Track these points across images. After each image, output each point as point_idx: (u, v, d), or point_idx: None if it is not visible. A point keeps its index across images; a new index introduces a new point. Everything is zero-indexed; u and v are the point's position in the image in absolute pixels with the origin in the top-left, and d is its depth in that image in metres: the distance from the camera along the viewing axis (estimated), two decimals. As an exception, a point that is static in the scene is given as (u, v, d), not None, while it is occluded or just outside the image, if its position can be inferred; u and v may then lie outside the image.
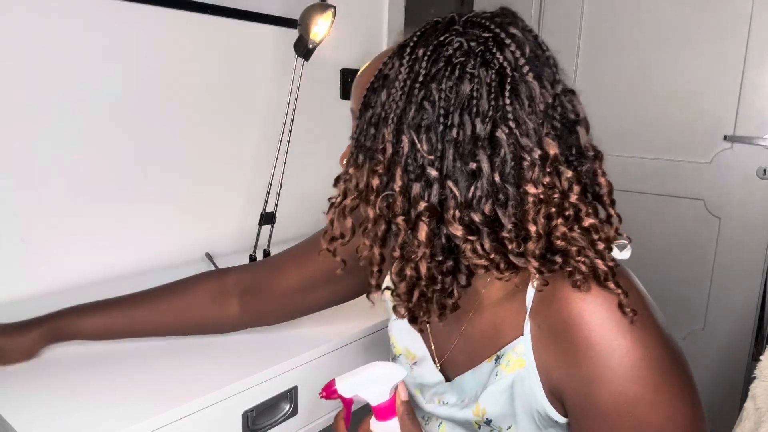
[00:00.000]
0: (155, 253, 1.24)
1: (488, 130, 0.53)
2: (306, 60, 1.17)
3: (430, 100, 0.54)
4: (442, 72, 0.54)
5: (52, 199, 1.07)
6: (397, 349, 0.77)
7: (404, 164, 0.55)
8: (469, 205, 0.54)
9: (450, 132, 0.53)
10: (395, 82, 0.56)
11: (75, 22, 1.05)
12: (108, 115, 1.12)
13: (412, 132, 0.54)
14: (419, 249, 0.55)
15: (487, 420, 0.63)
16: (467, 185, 0.53)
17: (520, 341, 0.59)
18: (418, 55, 0.55)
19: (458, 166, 0.53)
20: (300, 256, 0.89)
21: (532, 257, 0.54)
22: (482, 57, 0.53)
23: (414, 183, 0.55)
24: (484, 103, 0.53)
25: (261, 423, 0.83)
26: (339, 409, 0.67)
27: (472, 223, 0.54)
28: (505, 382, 0.60)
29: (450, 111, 0.53)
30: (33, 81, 1.02)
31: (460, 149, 0.53)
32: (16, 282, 1.05)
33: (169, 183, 1.25)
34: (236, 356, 0.87)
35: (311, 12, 1.14)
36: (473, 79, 0.53)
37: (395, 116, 0.55)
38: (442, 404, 0.69)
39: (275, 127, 1.38)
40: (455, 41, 0.54)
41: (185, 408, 0.73)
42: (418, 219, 0.54)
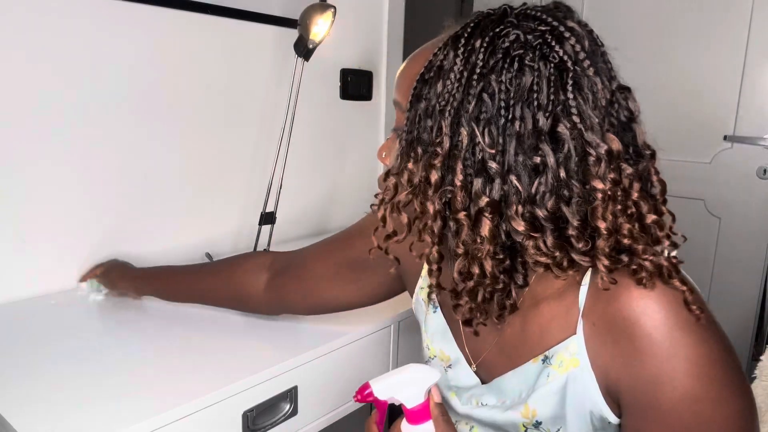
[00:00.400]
0: (155, 252, 1.24)
1: (549, 124, 0.51)
2: (306, 60, 1.17)
3: (489, 92, 0.52)
4: (501, 64, 0.52)
5: (52, 199, 1.07)
6: (431, 352, 0.74)
7: (464, 158, 0.53)
8: (533, 200, 0.52)
9: (512, 125, 0.52)
10: (450, 74, 0.54)
11: (74, 22, 1.05)
12: (108, 114, 1.12)
13: (472, 124, 0.53)
14: (483, 246, 0.53)
15: (536, 422, 0.62)
16: (530, 180, 0.52)
17: (572, 340, 0.58)
18: (474, 46, 0.53)
19: (520, 160, 0.52)
20: (330, 245, 0.89)
21: (603, 255, 0.53)
22: (540, 50, 0.52)
23: (475, 178, 0.53)
24: (545, 97, 0.51)
25: (261, 423, 0.83)
26: (372, 412, 0.65)
27: (535, 220, 0.52)
28: (557, 383, 0.59)
29: (510, 104, 0.52)
30: (33, 81, 1.02)
31: (522, 143, 0.52)
32: (16, 282, 1.05)
33: (169, 182, 1.25)
34: (236, 356, 0.87)
35: (311, 12, 1.14)
36: (533, 72, 0.51)
37: (452, 108, 0.53)
38: (480, 406, 0.67)
39: (275, 127, 1.38)
40: (512, 33, 0.53)
41: (185, 408, 0.73)
42: (480, 215, 0.53)
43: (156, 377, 0.79)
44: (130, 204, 1.19)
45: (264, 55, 1.38)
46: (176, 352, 0.87)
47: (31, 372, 0.79)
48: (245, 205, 1.40)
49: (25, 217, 1.04)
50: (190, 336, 0.92)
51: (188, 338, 0.92)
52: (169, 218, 1.26)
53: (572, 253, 0.53)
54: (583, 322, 0.57)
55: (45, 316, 0.99)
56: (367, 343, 0.98)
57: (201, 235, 1.33)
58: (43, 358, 0.83)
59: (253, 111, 1.39)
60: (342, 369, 0.95)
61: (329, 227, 1.66)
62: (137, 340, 0.90)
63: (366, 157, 1.75)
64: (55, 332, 0.92)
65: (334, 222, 1.67)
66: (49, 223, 1.07)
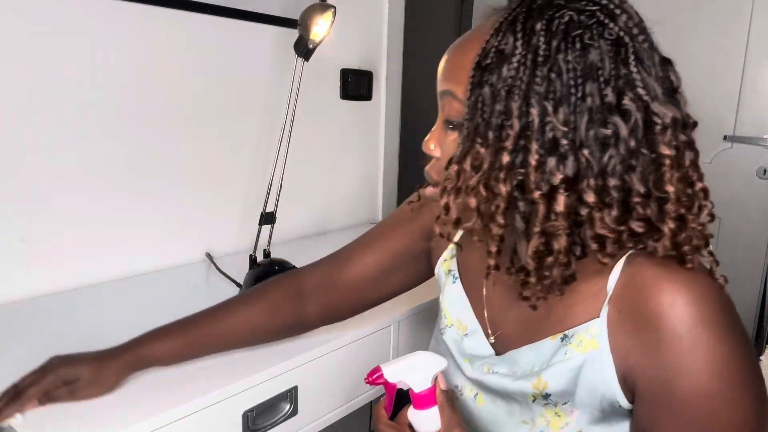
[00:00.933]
0: (156, 253, 1.24)
1: (616, 98, 0.53)
2: (306, 60, 1.17)
3: (557, 71, 0.54)
4: (563, 44, 0.54)
5: (52, 199, 1.07)
6: (448, 320, 0.76)
7: (536, 138, 0.54)
8: (604, 172, 0.54)
9: (583, 102, 0.53)
10: (513, 57, 0.55)
11: (74, 22, 1.05)
12: (108, 115, 1.12)
13: (544, 103, 0.54)
14: (559, 222, 0.55)
15: (546, 394, 0.63)
16: (601, 153, 0.54)
17: (594, 323, 0.60)
18: (534, 29, 0.55)
19: (591, 135, 0.54)
20: (367, 246, 0.88)
21: (670, 219, 0.55)
22: (596, 28, 0.54)
23: (548, 156, 0.54)
24: (608, 72, 0.53)
25: (261, 423, 0.83)
26: (381, 396, 0.68)
27: (606, 192, 0.54)
28: (574, 361, 0.60)
29: (579, 82, 0.53)
30: (33, 82, 1.02)
31: (592, 118, 0.53)
32: (16, 282, 1.05)
33: (170, 183, 1.25)
34: (236, 356, 0.87)
35: (311, 12, 1.13)
36: (595, 49, 0.54)
37: (521, 91, 0.54)
38: (491, 373, 0.69)
39: (275, 127, 1.38)
40: (566, 14, 0.54)
41: (185, 408, 0.73)
42: (555, 192, 0.54)
43: (156, 377, 0.79)
44: (130, 204, 1.19)
45: (264, 55, 1.38)
46: (176, 352, 0.87)
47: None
48: (245, 205, 1.40)
49: (25, 217, 1.04)
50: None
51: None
52: (169, 218, 1.26)
53: (631, 223, 0.55)
54: (609, 307, 0.59)
55: (45, 316, 0.99)
56: (367, 343, 0.98)
57: (201, 236, 1.33)
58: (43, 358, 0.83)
59: (254, 111, 1.39)
60: (342, 369, 0.95)
61: (329, 227, 1.66)
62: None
63: (366, 156, 1.75)
64: (54, 332, 0.92)
65: (335, 222, 1.67)
66: (48, 224, 1.07)
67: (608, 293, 0.59)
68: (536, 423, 0.65)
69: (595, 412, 0.61)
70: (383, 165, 1.80)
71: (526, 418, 0.66)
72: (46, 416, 0.70)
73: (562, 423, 0.63)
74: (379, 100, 1.74)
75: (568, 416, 0.63)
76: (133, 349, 0.78)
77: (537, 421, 0.65)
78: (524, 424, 0.66)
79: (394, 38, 1.74)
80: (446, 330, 0.76)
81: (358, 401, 0.99)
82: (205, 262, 1.31)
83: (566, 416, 0.63)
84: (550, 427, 0.64)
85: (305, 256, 1.32)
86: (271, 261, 1.09)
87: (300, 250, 1.42)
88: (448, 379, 0.72)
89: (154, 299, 1.09)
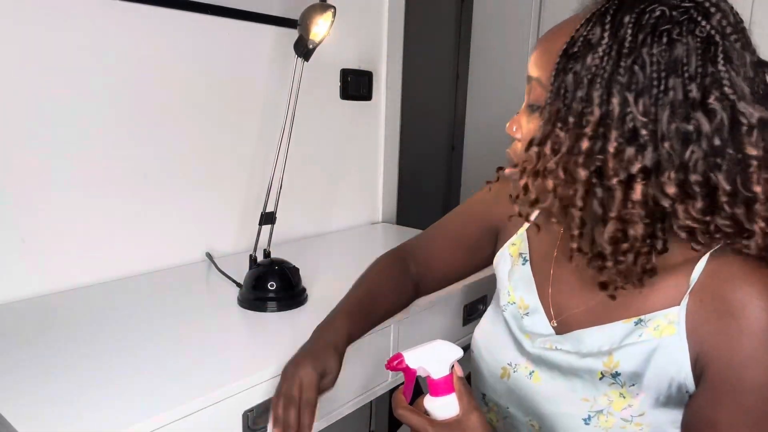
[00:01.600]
0: (156, 253, 1.24)
1: (700, 95, 0.54)
2: (306, 60, 1.17)
3: (640, 64, 0.54)
4: (650, 38, 0.55)
5: (52, 199, 1.07)
6: (510, 298, 0.79)
7: (615, 126, 0.55)
8: (686, 166, 0.55)
9: (665, 95, 0.54)
10: (599, 47, 0.56)
11: (74, 21, 1.05)
12: (108, 115, 1.12)
13: (625, 93, 0.55)
14: (635, 210, 0.56)
15: (615, 373, 0.65)
16: (683, 147, 0.55)
17: (673, 310, 0.61)
18: (623, 22, 0.56)
19: (673, 128, 0.54)
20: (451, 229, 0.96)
21: (760, 218, 0.56)
22: (687, 25, 0.54)
23: (626, 145, 0.55)
24: (695, 69, 0.54)
25: (261, 423, 0.83)
26: (399, 385, 0.69)
27: (687, 185, 0.55)
28: (649, 345, 0.62)
29: (662, 75, 0.54)
30: (32, 81, 1.02)
31: (674, 112, 0.54)
32: (16, 282, 1.05)
33: (170, 183, 1.25)
34: (236, 356, 0.87)
35: (311, 12, 1.13)
36: (683, 45, 0.54)
37: (603, 80, 0.56)
38: (555, 350, 0.71)
39: (275, 127, 1.38)
40: (657, 9, 0.55)
41: (185, 408, 0.73)
42: (633, 180, 0.56)
43: (156, 377, 0.79)
44: (130, 204, 1.19)
45: (264, 55, 1.38)
46: (176, 352, 0.87)
47: (31, 372, 0.79)
48: (245, 205, 1.40)
49: (25, 217, 1.04)
50: (191, 336, 0.93)
51: (188, 338, 0.92)
52: (169, 218, 1.26)
53: (717, 220, 0.56)
54: (690, 297, 0.61)
55: (45, 317, 0.99)
56: (367, 343, 0.98)
57: (201, 236, 1.33)
58: (43, 357, 0.84)
59: (254, 111, 1.39)
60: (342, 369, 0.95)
61: (330, 227, 1.66)
62: (136, 340, 0.90)
63: (366, 156, 1.75)
64: (55, 332, 0.92)
65: (335, 222, 1.67)
66: (48, 224, 1.07)
67: (691, 284, 0.61)
68: (598, 401, 0.66)
69: (661, 396, 0.63)
70: (383, 165, 1.80)
71: (587, 395, 0.67)
72: (46, 416, 0.70)
73: (625, 404, 0.64)
74: (379, 100, 1.74)
75: (632, 398, 0.64)
76: (345, 334, 0.82)
77: (599, 400, 0.66)
78: (585, 401, 0.67)
79: (394, 38, 1.74)
80: (507, 307, 0.79)
81: (358, 401, 1.00)
82: (205, 262, 1.31)
83: (631, 398, 0.64)
84: (612, 407, 0.65)
85: (305, 256, 1.33)
86: (272, 261, 1.09)
87: (300, 250, 1.42)
88: (503, 356, 0.77)
89: (154, 299, 1.09)
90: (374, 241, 1.65)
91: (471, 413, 0.64)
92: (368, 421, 1.78)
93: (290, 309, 1.04)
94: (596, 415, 0.66)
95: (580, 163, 0.57)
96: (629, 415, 0.64)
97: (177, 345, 0.89)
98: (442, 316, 1.17)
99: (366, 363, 1.00)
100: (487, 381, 0.80)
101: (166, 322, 0.97)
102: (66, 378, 0.78)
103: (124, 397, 0.74)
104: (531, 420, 0.74)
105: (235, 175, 1.38)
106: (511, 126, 0.69)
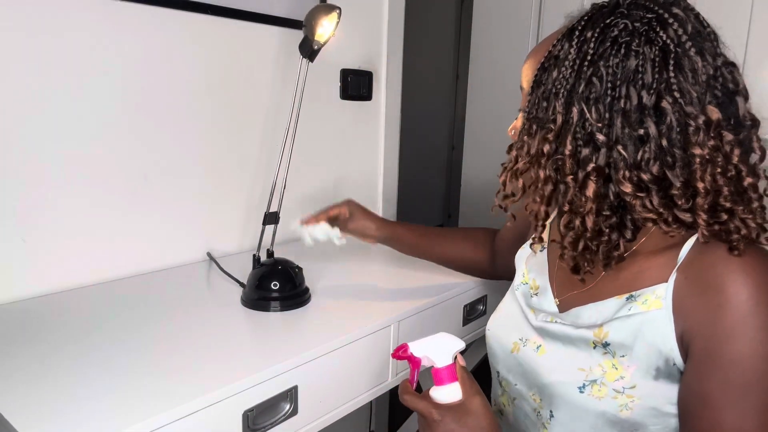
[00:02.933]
0: (158, 253, 1.24)
1: (653, 101, 0.60)
2: (311, 61, 1.17)
3: (598, 75, 0.61)
4: (609, 50, 0.61)
5: (52, 199, 1.07)
6: (524, 279, 0.87)
7: (573, 132, 0.63)
8: (638, 166, 0.61)
9: (618, 103, 0.60)
10: (565, 61, 0.64)
11: (75, 22, 1.05)
12: (111, 115, 1.12)
13: (582, 103, 0.62)
14: (587, 204, 0.63)
15: (605, 343, 0.69)
16: (635, 149, 0.61)
17: (661, 286, 0.66)
18: (586, 37, 0.63)
19: (626, 132, 0.61)
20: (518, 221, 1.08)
21: (701, 211, 0.61)
22: (646, 35, 0.60)
23: (583, 148, 0.63)
24: (649, 77, 0.60)
25: (261, 423, 0.83)
26: (406, 377, 0.73)
27: (641, 182, 0.61)
28: (637, 318, 0.66)
29: (617, 84, 0.60)
30: (33, 81, 1.02)
31: (627, 118, 0.60)
32: (16, 282, 1.05)
33: (173, 183, 1.25)
34: (236, 356, 0.87)
35: (316, 13, 1.14)
36: (638, 56, 0.60)
37: (565, 91, 0.63)
38: (554, 323, 0.77)
39: (278, 128, 1.38)
40: (620, 23, 0.61)
41: (185, 408, 0.73)
42: (587, 178, 0.63)
43: (156, 377, 0.79)
44: (133, 204, 1.19)
45: (268, 56, 1.38)
46: (176, 352, 0.87)
47: (32, 372, 0.79)
48: (248, 205, 1.40)
49: (25, 217, 1.04)
50: (191, 336, 0.93)
51: (189, 338, 0.92)
52: (171, 218, 1.26)
53: (675, 210, 0.62)
54: (677, 274, 0.65)
55: (45, 317, 0.99)
56: (367, 343, 0.99)
57: (204, 235, 1.33)
58: (44, 358, 0.84)
59: (257, 112, 1.39)
60: (342, 369, 0.95)
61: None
62: (137, 340, 0.90)
63: (366, 156, 1.75)
64: (55, 332, 0.92)
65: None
66: (49, 223, 1.07)
67: (678, 262, 0.65)
68: (593, 371, 0.70)
69: (651, 370, 0.66)
70: (383, 165, 1.80)
71: (583, 365, 0.71)
72: (47, 416, 0.70)
73: (617, 375, 0.68)
74: (379, 100, 1.74)
75: (624, 370, 0.67)
76: (394, 227, 1.17)
77: (594, 370, 0.70)
78: (581, 371, 0.71)
79: (394, 38, 1.74)
80: (520, 287, 0.87)
81: (358, 401, 1.00)
82: (207, 262, 1.31)
83: (623, 370, 0.67)
84: (605, 377, 0.68)
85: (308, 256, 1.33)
86: (275, 260, 1.09)
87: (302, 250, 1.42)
88: (514, 332, 0.83)
89: (155, 299, 1.09)
90: (374, 241, 1.65)
91: (474, 396, 0.67)
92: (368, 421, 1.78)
93: (293, 309, 1.04)
94: (590, 384, 0.69)
95: (543, 164, 0.66)
96: (621, 387, 0.67)
97: (179, 344, 0.89)
98: (442, 316, 1.17)
99: (366, 363, 1.00)
100: (500, 357, 0.84)
101: (167, 322, 0.97)
102: (66, 378, 0.78)
103: (125, 396, 0.74)
104: (534, 394, 0.77)
105: (237, 176, 1.38)
106: (510, 130, 0.79)
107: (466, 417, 0.66)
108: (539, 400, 0.76)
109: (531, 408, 0.78)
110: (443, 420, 0.66)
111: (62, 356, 0.84)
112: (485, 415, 0.67)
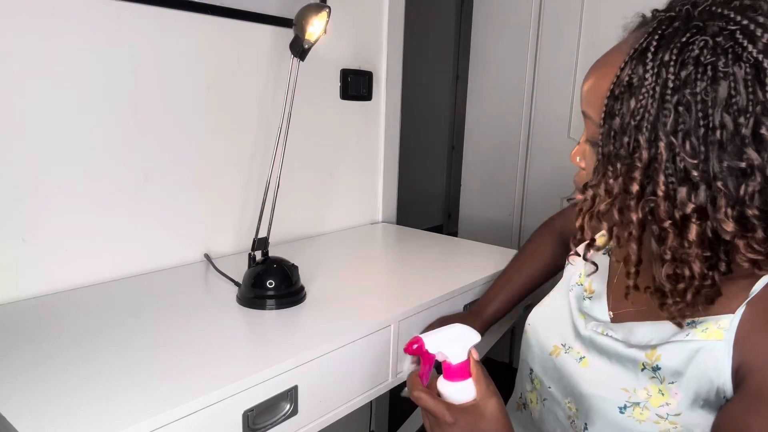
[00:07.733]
0: (154, 253, 1.24)
1: (752, 126, 0.52)
2: (302, 60, 1.17)
3: (685, 104, 0.53)
4: (693, 75, 0.53)
5: (52, 200, 1.07)
6: (581, 279, 0.84)
7: (664, 168, 0.55)
8: (742, 202, 0.54)
9: (713, 134, 0.53)
10: (642, 89, 0.56)
11: (72, 23, 1.05)
12: (106, 115, 1.12)
13: (671, 137, 0.54)
14: (691, 249, 0.56)
15: (656, 366, 0.66)
16: (737, 183, 0.53)
17: (726, 317, 0.61)
18: (663, 60, 0.54)
19: (725, 165, 0.53)
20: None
21: None
22: (733, 52, 0.52)
23: (678, 186, 0.55)
24: (743, 100, 0.52)
25: (261, 423, 0.83)
26: (414, 370, 0.70)
27: (745, 219, 0.54)
28: (695, 344, 0.63)
29: (709, 113, 0.53)
30: (32, 82, 1.02)
31: (725, 149, 0.53)
32: (16, 282, 1.05)
33: (168, 184, 1.25)
34: (236, 356, 0.87)
35: (306, 12, 1.13)
36: (728, 77, 0.52)
37: (648, 123, 0.55)
38: (605, 335, 0.72)
39: (273, 127, 1.38)
40: (700, 40, 0.53)
41: (185, 408, 0.73)
42: (688, 221, 0.56)
43: (156, 377, 0.79)
44: (129, 205, 1.19)
45: (262, 55, 1.38)
46: (176, 352, 0.87)
47: (32, 372, 0.79)
48: (244, 205, 1.40)
49: (25, 217, 1.04)
50: (190, 335, 0.93)
51: (188, 337, 0.92)
52: (168, 219, 1.26)
53: None
54: (746, 308, 0.61)
55: (45, 317, 0.99)
56: (367, 343, 0.98)
57: (199, 236, 1.33)
58: (44, 358, 0.84)
59: (252, 111, 1.39)
60: (342, 369, 0.95)
61: (330, 227, 1.66)
62: (136, 340, 0.90)
63: (366, 157, 1.75)
64: (55, 332, 0.92)
65: (335, 221, 1.67)
66: (48, 224, 1.07)
67: (750, 295, 0.61)
68: (637, 393, 0.66)
69: (699, 399, 0.63)
70: (383, 165, 1.80)
71: (628, 386, 0.68)
72: (47, 416, 0.70)
73: (662, 401, 0.65)
74: (379, 100, 1.74)
75: (671, 397, 0.64)
76: (486, 311, 1.11)
77: (638, 393, 0.66)
78: (624, 392, 0.67)
79: (394, 38, 1.74)
80: (574, 287, 0.83)
81: (358, 401, 1.00)
82: (203, 262, 1.31)
83: (669, 396, 0.64)
84: (650, 402, 0.65)
85: (305, 255, 1.33)
86: (271, 259, 1.09)
87: (300, 249, 1.42)
88: (557, 335, 0.78)
89: (153, 299, 1.09)
90: (374, 241, 1.65)
91: (489, 398, 0.65)
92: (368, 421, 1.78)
93: (289, 307, 1.04)
94: (632, 406, 0.66)
95: (632, 207, 0.58)
96: (665, 413, 0.64)
97: (177, 344, 0.89)
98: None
99: (366, 363, 1.00)
100: (537, 356, 0.82)
101: (165, 322, 0.97)
102: (66, 378, 0.78)
103: (124, 396, 0.74)
104: (569, 402, 0.75)
105: (234, 175, 1.38)
106: (574, 156, 0.70)
107: (481, 421, 0.64)
108: (575, 409, 0.74)
109: (564, 414, 0.76)
110: (457, 423, 0.63)
111: (62, 356, 0.84)
112: (500, 420, 0.64)
